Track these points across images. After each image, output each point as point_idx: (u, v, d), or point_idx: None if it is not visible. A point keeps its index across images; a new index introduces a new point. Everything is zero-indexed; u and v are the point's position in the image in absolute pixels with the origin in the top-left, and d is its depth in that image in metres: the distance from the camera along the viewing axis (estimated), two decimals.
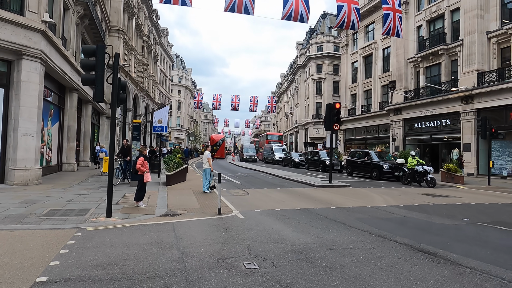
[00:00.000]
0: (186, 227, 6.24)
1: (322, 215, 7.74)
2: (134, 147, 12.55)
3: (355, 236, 5.75)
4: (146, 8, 37.97)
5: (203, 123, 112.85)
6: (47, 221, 6.36)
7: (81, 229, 5.88)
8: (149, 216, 7.24)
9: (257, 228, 6.20)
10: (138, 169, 8.24)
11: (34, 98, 11.41)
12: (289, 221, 6.98)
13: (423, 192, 13.02)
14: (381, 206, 9.23)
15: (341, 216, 7.67)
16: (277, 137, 47.27)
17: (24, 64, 11.11)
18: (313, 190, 12.96)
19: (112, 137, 7.08)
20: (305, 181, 15.67)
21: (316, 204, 9.43)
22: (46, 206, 7.64)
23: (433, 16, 26.01)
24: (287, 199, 10.42)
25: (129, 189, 11.02)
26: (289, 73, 72.82)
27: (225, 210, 8.09)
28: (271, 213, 7.85)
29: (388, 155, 20.83)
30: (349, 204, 9.55)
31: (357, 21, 18.61)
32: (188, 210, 8.23)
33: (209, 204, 9.16)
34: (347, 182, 15.91)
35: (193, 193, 11.35)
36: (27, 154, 11.21)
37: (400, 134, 28.54)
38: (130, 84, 30.88)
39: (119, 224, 6.33)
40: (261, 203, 9.42)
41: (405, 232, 6.17)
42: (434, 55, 25.41)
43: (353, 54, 37.76)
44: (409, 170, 16.07)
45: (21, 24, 10.90)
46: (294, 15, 17.23)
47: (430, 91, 25.97)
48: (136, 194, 8.32)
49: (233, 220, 7.01)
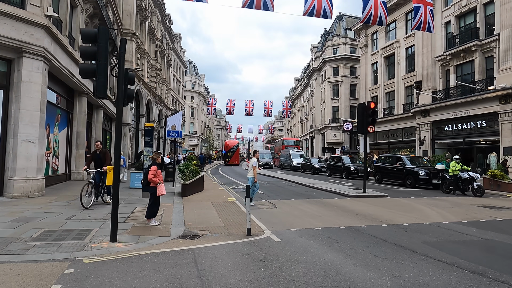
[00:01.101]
0: (211, 257, 4.80)
1: (377, 236, 6.20)
2: (146, 153, 11.23)
3: (443, 274, 4.20)
4: (159, 12, 37.25)
5: (216, 129, 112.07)
6: (35, 248, 5.03)
7: (76, 261, 4.52)
8: (163, 239, 5.85)
9: (305, 260, 4.71)
10: (150, 180, 6.89)
11: (36, 101, 10.26)
12: (341, 246, 5.46)
13: (475, 202, 11.27)
14: (441, 223, 7.61)
15: (401, 238, 6.11)
16: (293, 142, 45.64)
17: (25, 62, 9.99)
18: (347, 201, 11.38)
19: (118, 140, 5.75)
20: (334, 190, 14.08)
21: (361, 220, 7.87)
22: (40, 226, 6.34)
23: (464, 11, 24.17)
24: (323, 213, 8.89)
25: (141, 202, 9.70)
26: (303, 77, 71.29)
27: (254, 229, 6.64)
28: (312, 234, 6.35)
29: (422, 159, 19.02)
30: (400, 220, 7.96)
31: (385, 16, 17.03)
32: (209, 229, 6.81)
33: (233, 220, 7.72)
34: (380, 190, 14.24)
35: (212, 205, 9.95)
36: (28, 162, 10.03)
37: (429, 137, 26.57)
38: (143, 89, 29.98)
39: (125, 253, 4.95)
40: (295, 219, 7.93)
41: (507, 265, 4.58)
42: (465, 52, 23.51)
43: (373, 54, 36.05)
44: (451, 177, 14.29)
45: (21, 19, 9.81)
46: (316, 10, 15.80)
47: (461, 91, 24.05)
48: (148, 210, 6.96)
49: (269, 245, 5.54)
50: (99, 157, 9.33)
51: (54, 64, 11.51)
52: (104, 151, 9.34)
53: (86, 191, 8.53)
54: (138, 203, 9.59)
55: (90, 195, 8.76)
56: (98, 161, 9.29)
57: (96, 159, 9.36)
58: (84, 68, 5.50)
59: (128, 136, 25.75)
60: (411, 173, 16.79)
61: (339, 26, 51.26)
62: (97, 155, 9.38)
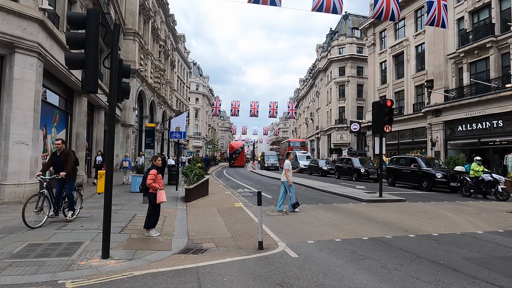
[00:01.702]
0: (218, 279, 4.03)
1: (408, 251, 5.38)
2: (147, 156, 10.48)
3: None
4: (163, 12, 36.69)
5: (221, 131, 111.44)
6: (12, 268, 4.29)
7: (57, 285, 3.78)
8: (163, 254, 5.09)
9: (331, 284, 3.92)
10: (149, 186, 6.14)
11: (30, 100, 9.59)
12: (370, 264, 4.66)
13: (503, 208, 10.38)
14: (476, 233, 6.76)
15: (437, 253, 5.28)
16: (299, 144, 44.77)
17: (17, 59, 9.32)
18: (363, 206, 10.55)
19: (111, 141, 5.01)
20: (347, 193, 13.24)
21: (384, 229, 7.05)
22: (25, 239, 5.62)
23: (477, 6, 23.23)
24: (340, 220, 8.08)
25: (141, 208, 8.95)
26: (308, 78, 70.45)
27: (266, 240, 5.86)
28: (333, 248, 5.55)
29: (438, 161, 18.11)
30: (428, 229, 7.12)
31: (397, 11, 16.22)
32: (216, 241, 6.04)
33: (241, 230, 6.95)
34: (396, 194, 13.39)
35: (218, 212, 9.18)
36: (21, 166, 9.34)
37: (441, 138, 25.59)
38: (146, 90, 29.37)
39: (117, 273, 4.19)
40: (310, 228, 7.13)
41: None
42: (480, 49, 22.55)
43: (381, 53, 35.12)
44: (472, 180, 13.39)
45: (13, 11, 9.14)
46: (326, 6, 15.02)
47: (475, 90, 23.09)
48: (146, 219, 6.19)
49: (285, 262, 4.76)
50: (59, 160, 7.22)
51: (50, 61, 10.86)
52: (66, 153, 7.34)
53: (35, 205, 6.62)
54: (138, 209, 8.86)
55: (41, 210, 6.66)
56: (59, 165, 7.20)
57: (56, 162, 7.24)
58: (71, 57, 4.77)
59: (131, 138, 25.12)
60: (427, 176, 15.88)
61: (345, 26, 50.42)
62: (57, 158, 7.25)
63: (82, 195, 8.23)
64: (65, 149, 7.46)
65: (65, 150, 7.44)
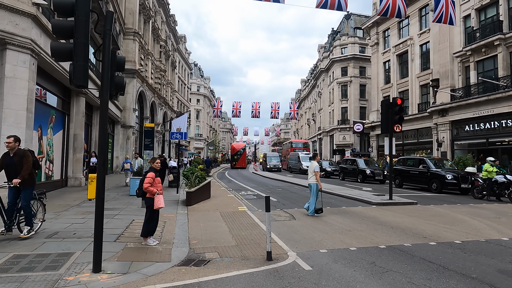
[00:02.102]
0: None
1: (433, 262, 4.86)
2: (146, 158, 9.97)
3: None
4: (164, 12, 36.27)
5: (222, 132, 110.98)
6: None
7: None
8: (161, 267, 4.58)
9: None
10: (145, 190, 5.63)
11: (22, 99, 9.12)
12: (394, 279, 4.14)
13: None
14: (502, 240, 6.23)
15: (466, 264, 4.76)
16: (302, 145, 44.21)
17: (8, 55, 8.86)
18: (374, 210, 10.01)
19: (102, 142, 4.48)
20: (355, 196, 12.71)
21: (401, 236, 6.52)
22: (10, 249, 5.11)
23: (484, 3, 22.69)
24: (352, 226, 7.55)
25: (140, 212, 8.43)
26: (310, 78, 69.93)
27: (275, 249, 5.36)
28: (349, 258, 5.03)
29: (447, 161, 17.56)
30: (448, 235, 6.59)
31: (403, 8, 15.76)
32: (219, 250, 5.53)
33: (247, 237, 6.43)
34: (405, 196, 12.85)
35: (221, 216, 8.66)
36: None
37: (447, 138, 25.02)
38: (147, 90, 28.92)
39: None
40: (321, 235, 6.61)
41: None
42: (487, 47, 22.01)
43: (384, 53, 34.61)
44: (485, 181, 12.85)
45: (5, 6, 8.69)
46: (330, 2, 14.52)
47: (483, 88, 22.54)
48: (143, 227, 5.69)
49: (298, 276, 4.24)
50: (13, 162, 5.74)
51: (45, 59, 10.38)
52: (21, 153, 5.79)
53: None
54: (136, 214, 8.35)
55: None
56: (12, 169, 5.74)
57: (9, 165, 5.77)
58: (57, 48, 4.27)
59: (132, 139, 24.65)
60: (437, 177, 15.34)
61: (347, 25, 49.93)
62: (9, 159, 5.77)
63: (45, 205, 6.68)
64: (20, 149, 5.91)
65: (20, 150, 5.88)
